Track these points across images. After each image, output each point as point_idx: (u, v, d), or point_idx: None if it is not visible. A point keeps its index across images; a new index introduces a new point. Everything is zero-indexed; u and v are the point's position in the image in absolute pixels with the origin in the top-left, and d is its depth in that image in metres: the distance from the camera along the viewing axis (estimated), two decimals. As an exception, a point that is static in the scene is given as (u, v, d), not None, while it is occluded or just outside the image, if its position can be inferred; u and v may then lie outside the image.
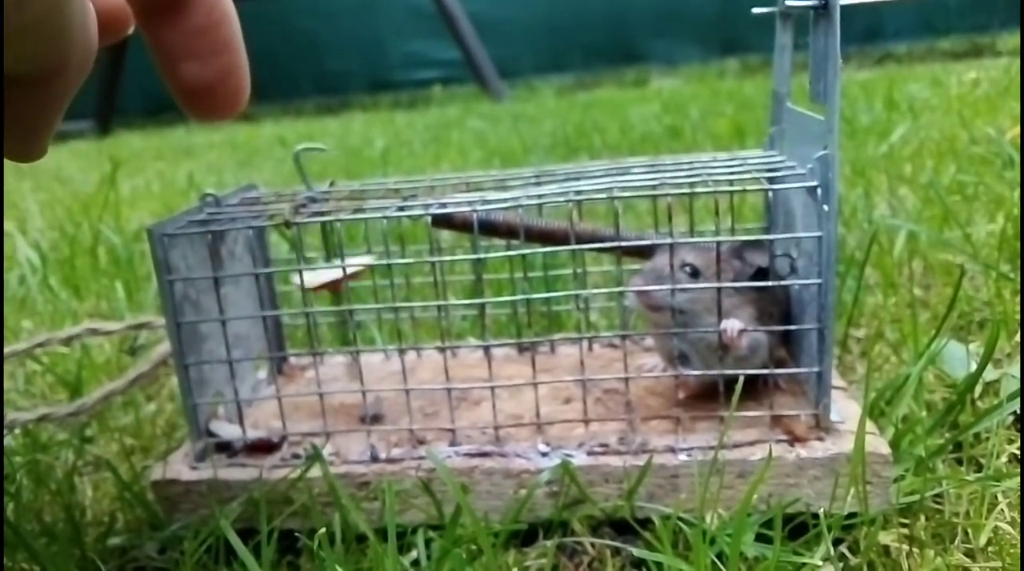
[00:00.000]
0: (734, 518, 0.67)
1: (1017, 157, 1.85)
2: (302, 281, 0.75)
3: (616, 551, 0.68)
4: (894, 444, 0.74)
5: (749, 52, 4.96)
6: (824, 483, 0.69)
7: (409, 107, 5.08)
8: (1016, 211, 1.49)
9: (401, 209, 0.74)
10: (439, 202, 0.74)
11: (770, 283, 0.69)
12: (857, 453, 0.63)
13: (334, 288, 0.81)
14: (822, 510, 0.67)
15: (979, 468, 0.78)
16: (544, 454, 0.72)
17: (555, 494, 0.70)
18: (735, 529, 0.60)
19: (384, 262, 0.72)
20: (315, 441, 0.76)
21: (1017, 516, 0.71)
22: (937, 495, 0.72)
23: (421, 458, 0.73)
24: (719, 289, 0.69)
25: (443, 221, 0.76)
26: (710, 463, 0.69)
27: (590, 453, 0.71)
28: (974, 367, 0.95)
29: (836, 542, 0.66)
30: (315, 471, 0.71)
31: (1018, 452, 0.80)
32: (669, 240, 0.69)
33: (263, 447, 0.76)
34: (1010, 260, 1.28)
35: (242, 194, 0.88)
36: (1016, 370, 0.91)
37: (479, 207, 0.70)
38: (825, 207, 0.66)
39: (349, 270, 0.76)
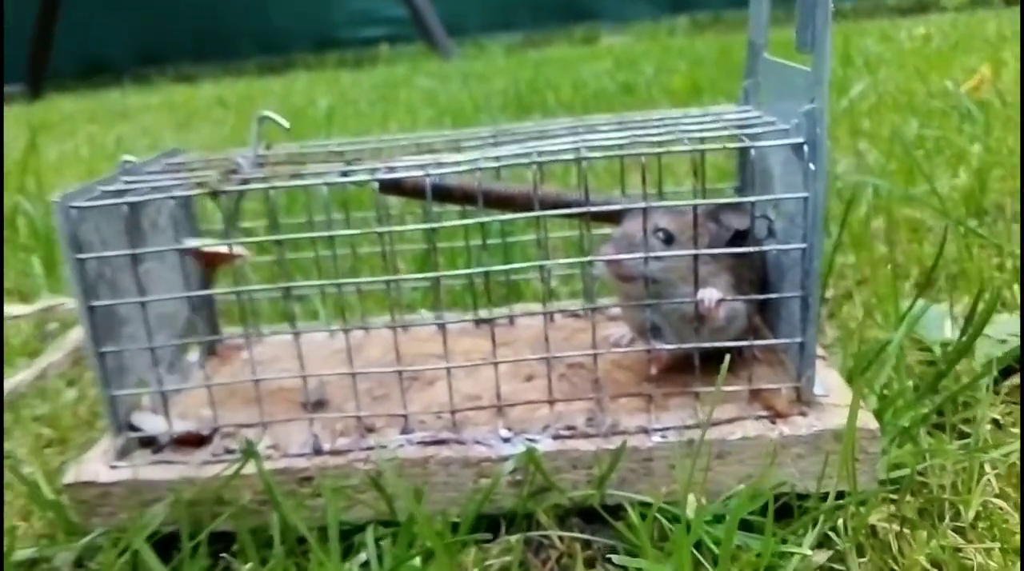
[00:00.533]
0: (716, 504, 0.62)
1: (975, 110, 1.82)
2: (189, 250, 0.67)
3: (587, 543, 0.62)
4: (878, 415, 0.70)
5: (699, 9, 4.93)
6: (809, 461, 0.64)
7: (355, 66, 4.91)
8: (976, 164, 1.46)
9: (345, 174, 0.66)
10: (387, 166, 0.66)
11: (752, 249, 0.63)
12: (850, 431, 0.58)
13: (214, 262, 0.73)
14: (810, 491, 0.63)
15: (962, 436, 0.75)
16: (506, 440, 0.65)
17: (519, 483, 0.64)
18: (726, 531, 0.54)
19: (325, 234, 0.64)
20: (250, 433, 0.68)
21: (1006, 487, 0.67)
22: (921, 467, 0.68)
23: (370, 448, 0.66)
24: (696, 256, 0.63)
25: (392, 187, 0.68)
26: (687, 444, 0.64)
27: (556, 437, 0.65)
28: (949, 329, 0.92)
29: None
30: (250, 467, 0.64)
31: (1000, 417, 0.76)
32: (642, 204, 0.62)
33: (192, 441, 0.68)
34: (976, 215, 1.25)
35: (166, 160, 0.79)
36: (992, 330, 0.87)
37: (432, 171, 0.63)
38: (812, 166, 0.61)
39: (222, 248, 0.68)
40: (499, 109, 2.51)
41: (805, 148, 0.61)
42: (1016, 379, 0.81)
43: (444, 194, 0.69)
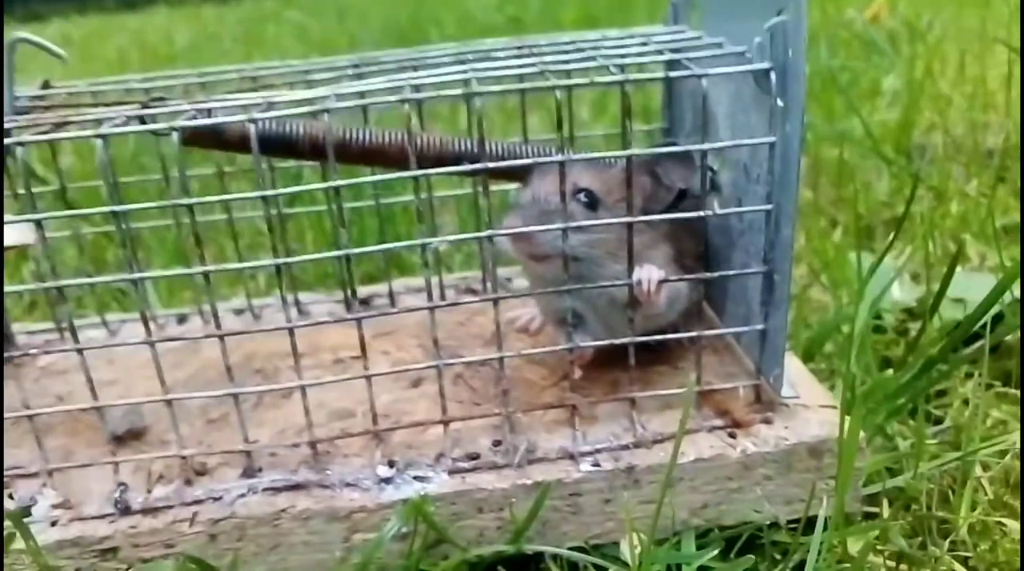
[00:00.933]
0: (664, 549, 0.48)
1: (880, 40, 1.74)
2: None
3: (502, 615, 0.47)
4: (847, 410, 0.56)
5: None
6: (778, 484, 0.50)
7: (220, 1, 4.51)
8: (892, 99, 1.37)
9: (138, 120, 0.47)
10: (199, 108, 0.46)
11: (705, 212, 0.48)
12: (847, 458, 0.44)
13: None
14: (778, 519, 0.49)
15: (937, 422, 0.63)
16: (386, 480, 0.49)
17: (406, 536, 0.47)
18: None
19: (106, 210, 0.44)
20: (28, 485, 0.49)
21: (1001, 491, 0.55)
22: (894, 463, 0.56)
23: (198, 502, 0.48)
24: (630, 225, 0.47)
25: (207, 136, 0.49)
26: (624, 472, 0.48)
27: (453, 472, 0.49)
28: (899, 290, 0.80)
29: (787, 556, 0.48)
30: (19, 542, 0.45)
31: (971, 396, 0.65)
32: (558, 157, 0.45)
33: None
34: (904, 155, 1.15)
35: None
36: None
37: (259, 114, 0.44)
38: (780, 101, 0.45)
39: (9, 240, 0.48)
40: (376, 45, 2.28)
41: (772, 76, 0.45)
42: (980, 343, 0.69)
43: (284, 145, 0.50)
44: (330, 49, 2.26)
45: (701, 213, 0.47)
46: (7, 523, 0.45)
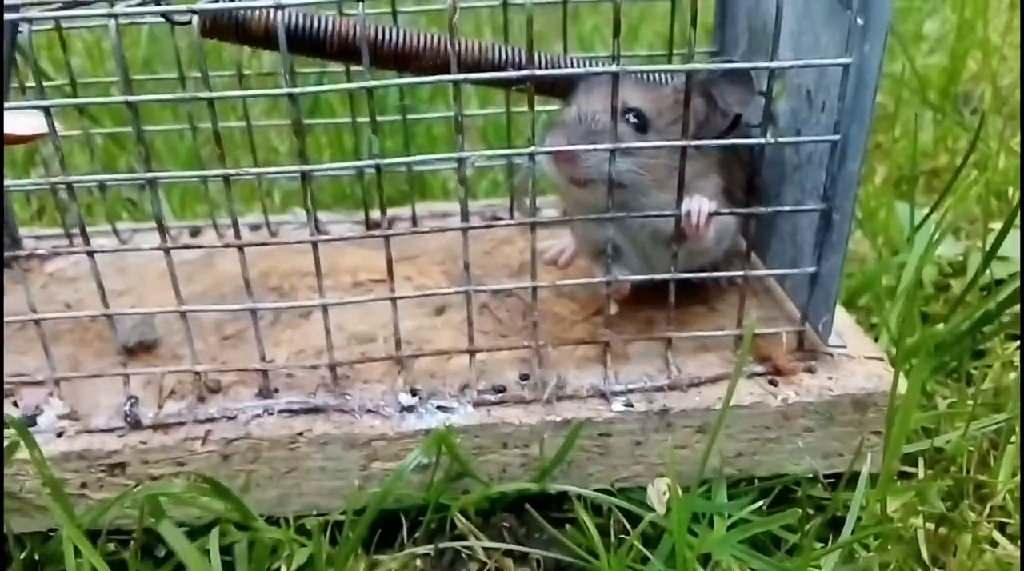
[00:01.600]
0: (696, 498, 0.45)
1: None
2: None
3: (521, 557, 0.45)
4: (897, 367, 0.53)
5: None
6: (817, 436, 0.47)
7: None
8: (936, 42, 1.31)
9: (153, 2, 0.43)
10: (222, -4, 0.43)
11: (765, 140, 0.44)
12: (904, 415, 0.41)
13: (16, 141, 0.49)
14: (816, 472, 0.47)
15: (977, 383, 0.60)
16: (408, 408, 0.46)
17: (426, 467, 0.45)
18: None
19: (119, 100, 0.41)
20: (35, 393, 0.47)
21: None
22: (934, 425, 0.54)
23: (212, 420, 0.46)
24: (683, 150, 0.43)
25: (226, 26, 0.45)
26: (658, 415, 0.46)
27: (478, 404, 0.47)
28: (944, 243, 0.77)
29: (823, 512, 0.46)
30: (23, 452, 0.43)
31: (1012, 359, 0.62)
32: (611, 67, 0.41)
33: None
34: (950, 102, 1.10)
35: None
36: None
37: (289, 2, 0.40)
38: (860, 20, 0.41)
39: (18, 129, 0.44)
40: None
41: (853, -8, 0.41)
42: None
43: (311, 42, 0.46)
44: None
45: (762, 141, 0.44)
46: (10, 432, 0.42)
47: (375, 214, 0.66)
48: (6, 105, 0.42)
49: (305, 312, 0.55)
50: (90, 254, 0.44)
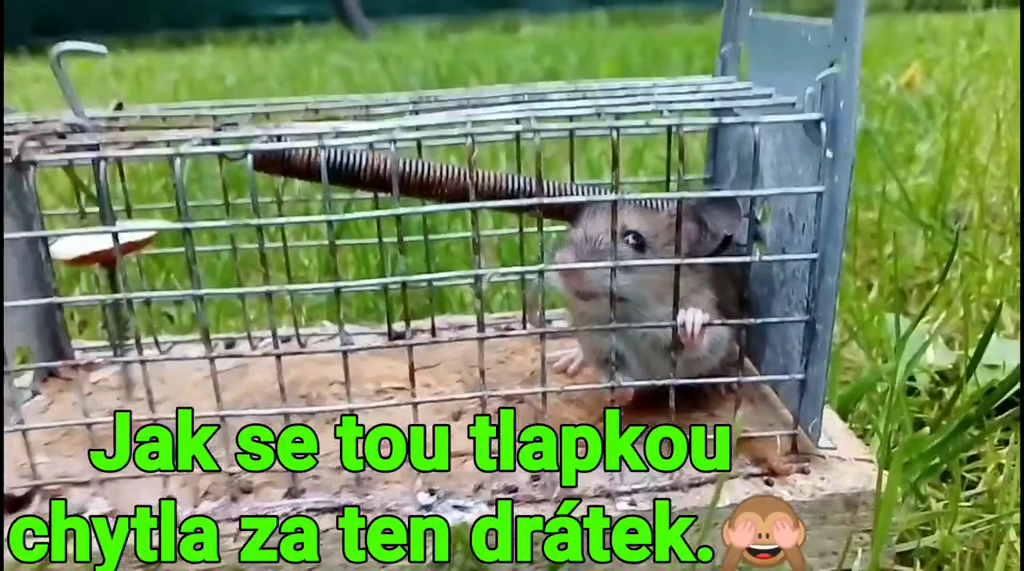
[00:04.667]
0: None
1: (914, 104, 1.75)
2: (47, 249, 0.49)
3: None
4: (883, 467, 0.56)
5: (617, 4, 4.97)
6: (812, 535, 0.50)
7: (267, 44, 4.64)
8: (928, 164, 1.38)
9: (211, 142, 0.49)
10: (269, 134, 0.49)
11: (752, 258, 0.49)
12: (885, 511, 0.44)
13: (105, 260, 0.55)
14: (811, 572, 0.49)
15: (969, 487, 0.63)
16: (426, 507, 0.49)
17: (441, 565, 0.48)
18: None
19: (179, 226, 0.46)
20: (80, 493, 0.51)
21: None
22: (926, 523, 0.56)
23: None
24: (677, 268, 0.48)
25: (275, 162, 0.51)
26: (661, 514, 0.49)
27: (491, 503, 0.50)
28: (932, 354, 0.80)
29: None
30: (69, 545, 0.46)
31: (1004, 460, 0.64)
32: (611, 196, 0.47)
33: (10, 504, 0.50)
34: (939, 220, 1.16)
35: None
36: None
37: (329, 142, 0.46)
38: (830, 152, 0.47)
39: (124, 238, 0.50)
40: (419, 90, 2.33)
41: (822, 126, 0.47)
42: (1014, 410, 0.69)
43: (347, 175, 0.52)
44: (374, 92, 2.32)
45: (747, 258, 0.49)
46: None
47: (396, 326, 0.71)
48: (81, 230, 0.48)
49: (331, 417, 0.59)
50: (142, 363, 0.49)
